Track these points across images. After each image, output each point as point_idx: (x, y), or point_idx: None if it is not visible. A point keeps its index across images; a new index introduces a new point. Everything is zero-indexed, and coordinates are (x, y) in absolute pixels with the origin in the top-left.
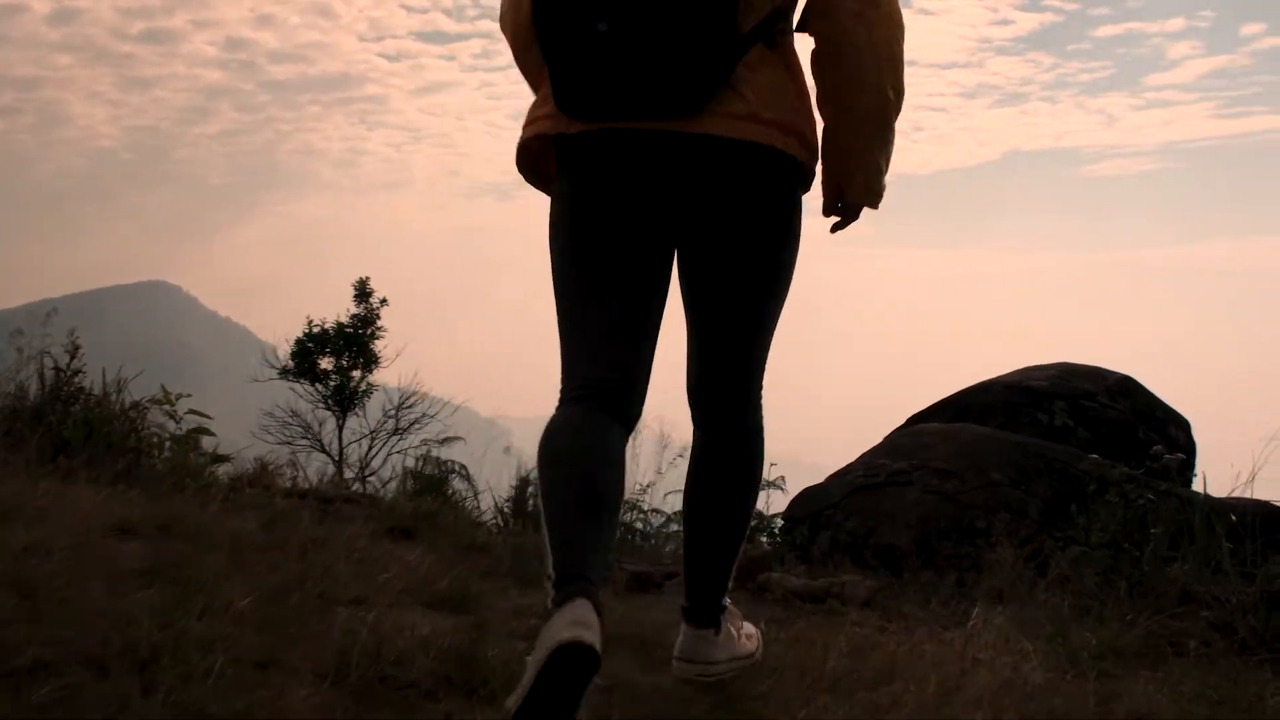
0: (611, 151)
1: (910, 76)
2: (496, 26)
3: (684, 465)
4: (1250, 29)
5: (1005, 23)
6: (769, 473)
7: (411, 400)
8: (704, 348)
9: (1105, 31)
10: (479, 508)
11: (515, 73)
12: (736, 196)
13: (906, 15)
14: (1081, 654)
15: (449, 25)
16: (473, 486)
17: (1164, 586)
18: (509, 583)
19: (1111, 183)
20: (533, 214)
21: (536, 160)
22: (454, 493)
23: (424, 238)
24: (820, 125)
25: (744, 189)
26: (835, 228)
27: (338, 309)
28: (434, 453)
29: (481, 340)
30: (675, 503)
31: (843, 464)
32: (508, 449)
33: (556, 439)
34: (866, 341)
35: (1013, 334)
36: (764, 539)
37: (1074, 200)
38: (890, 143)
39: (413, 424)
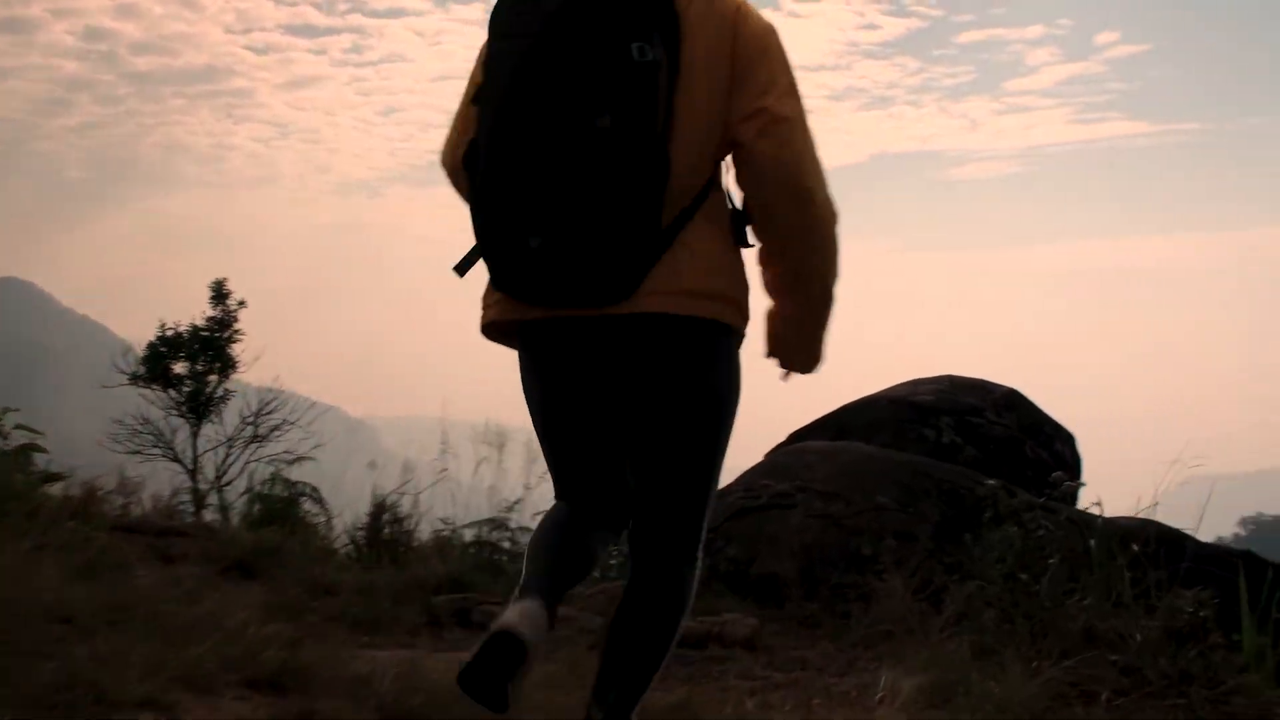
0: (555, 335)
1: None
2: (367, 20)
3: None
4: (1105, 37)
5: (872, 27)
6: None
7: (271, 405)
8: (644, 501)
9: (968, 37)
10: (332, 535)
11: (387, 68)
12: (672, 365)
13: (776, 17)
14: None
15: (319, 19)
16: (325, 511)
17: (1066, 624)
18: (355, 635)
19: (975, 185)
20: (405, 212)
21: (500, 336)
22: (305, 515)
23: (294, 235)
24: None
25: (677, 358)
26: (784, 377)
27: (198, 310)
28: (285, 473)
29: (352, 340)
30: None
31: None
32: (372, 464)
33: (544, 525)
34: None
35: (880, 335)
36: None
37: (938, 201)
38: (828, 321)
39: (273, 430)
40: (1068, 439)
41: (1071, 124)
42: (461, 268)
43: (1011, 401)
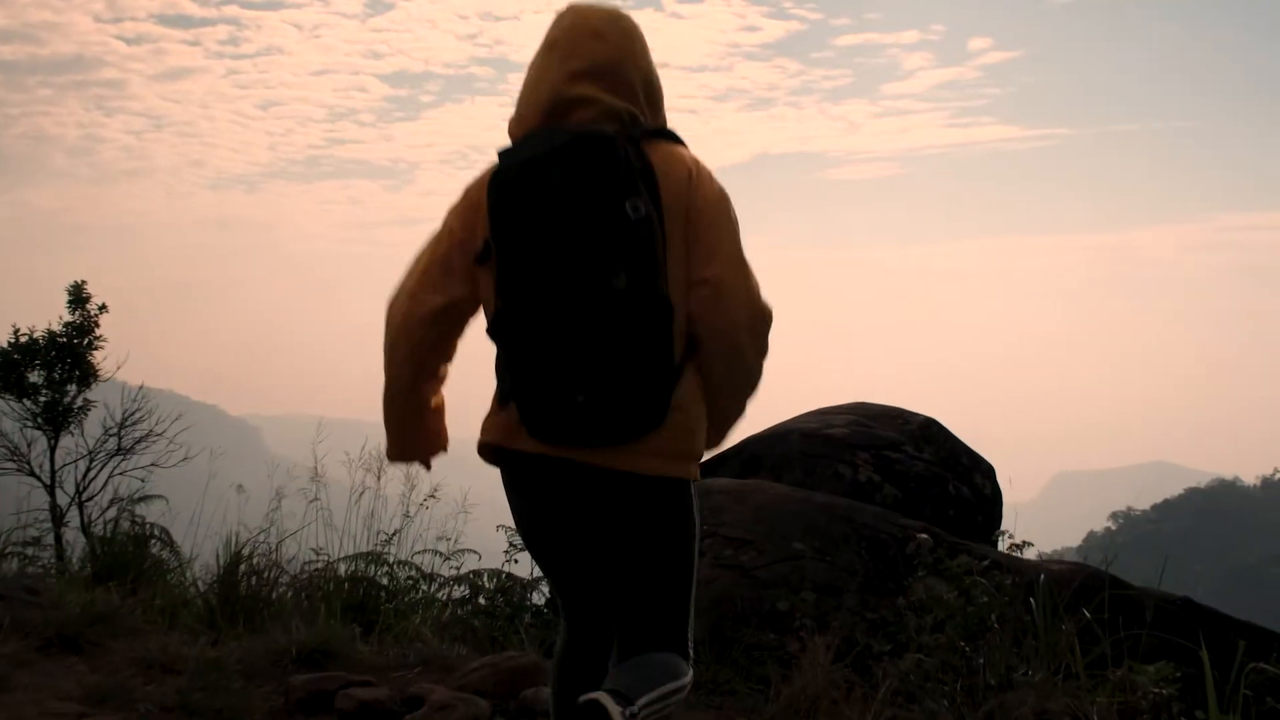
0: (550, 473)
1: (663, 78)
2: (244, 12)
3: (437, 507)
4: (977, 44)
5: (753, 29)
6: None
7: (136, 415)
8: (631, 620)
9: (846, 41)
10: (184, 584)
11: (265, 60)
12: (649, 514)
13: (658, 19)
14: None
15: (193, 9)
16: (177, 555)
17: (1015, 706)
18: None
19: (853, 186)
20: (284, 208)
21: (492, 457)
22: (152, 563)
23: (168, 229)
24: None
25: (655, 509)
26: None
27: (57, 314)
28: (139, 502)
29: (231, 338)
30: (426, 553)
31: None
32: (239, 487)
33: (562, 674)
34: None
35: (811, 331)
36: (523, 630)
37: (818, 202)
38: (736, 422)
39: (137, 443)
40: (987, 471)
41: (947, 128)
42: (537, 432)
43: (929, 432)
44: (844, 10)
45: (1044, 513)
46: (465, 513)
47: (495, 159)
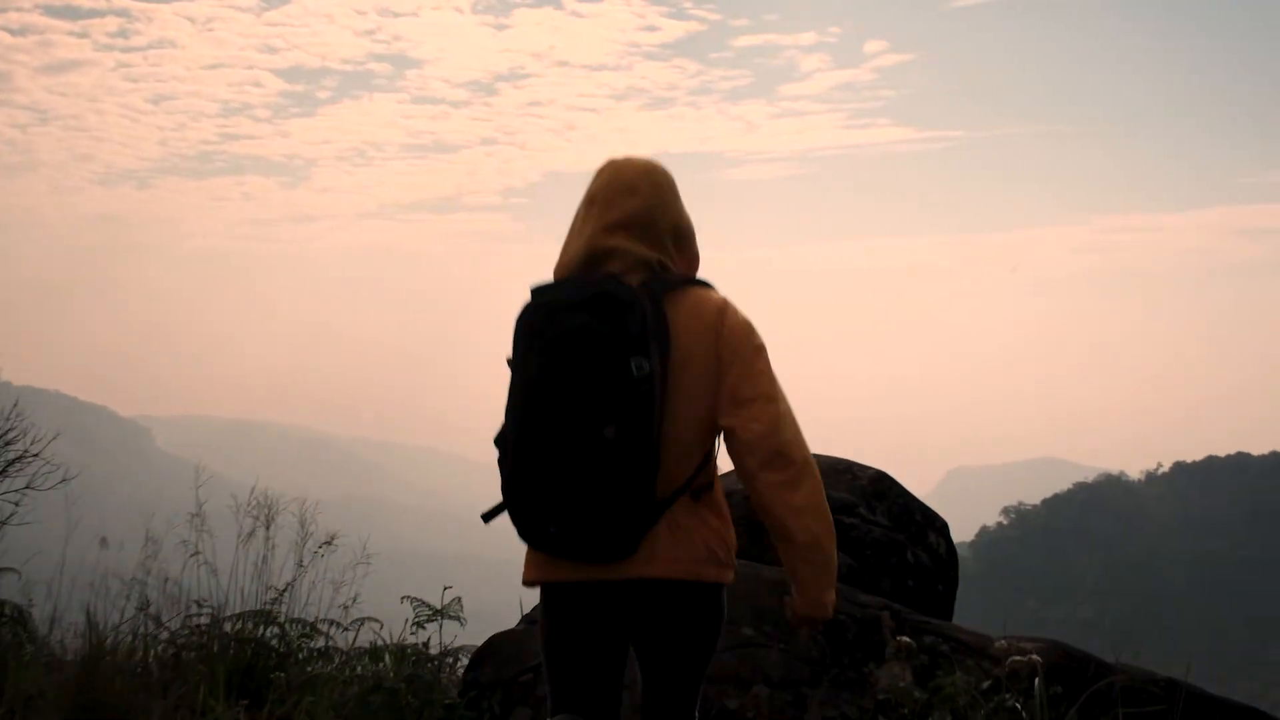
0: (570, 595)
1: (563, 77)
2: (135, 4)
3: (332, 558)
4: (873, 46)
5: (652, 29)
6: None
7: (9, 434)
8: (648, 698)
9: (744, 42)
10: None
11: (156, 54)
12: (666, 618)
13: (557, 17)
14: None
15: (81, 0)
16: (29, 634)
17: None
18: None
19: (752, 186)
20: (177, 204)
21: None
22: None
23: (54, 226)
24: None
25: (670, 613)
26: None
27: None
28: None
29: (123, 337)
30: (322, 607)
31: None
32: (103, 541)
33: None
34: (506, 344)
35: None
36: None
37: (718, 202)
38: (830, 570)
39: (10, 464)
40: (941, 528)
41: (843, 129)
42: (488, 517)
43: (880, 488)
44: (743, 11)
45: (938, 508)
46: (365, 563)
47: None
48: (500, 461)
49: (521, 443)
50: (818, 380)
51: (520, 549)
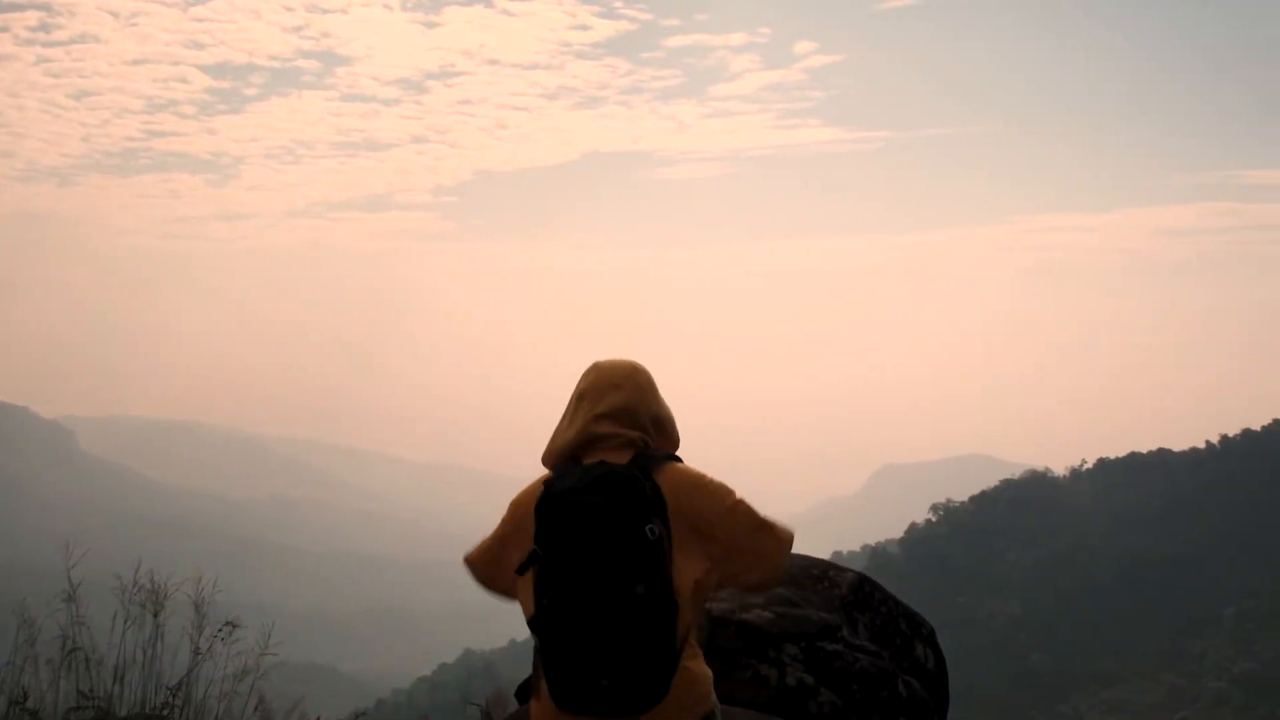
0: None
1: (494, 75)
2: None
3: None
4: (802, 47)
5: (584, 28)
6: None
7: None
8: None
9: (676, 42)
10: None
11: (79, 48)
12: None
13: (488, 15)
14: None
15: None
16: None
17: None
18: None
19: (683, 185)
20: (100, 202)
21: None
22: None
23: None
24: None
25: None
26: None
27: None
28: None
29: (46, 337)
30: (221, 701)
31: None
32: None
33: None
34: (450, 341)
35: (589, 330)
36: None
37: (649, 201)
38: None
39: None
40: (929, 636)
41: (774, 129)
42: (522, 694)
43: (861, 595)
44: (674, 11)
45: (868, 505)
46: (274, 655)
47: (538, 482)
48: (542, 642)
49: (563, 613)
50: (748, 379)
51: (451, 550)
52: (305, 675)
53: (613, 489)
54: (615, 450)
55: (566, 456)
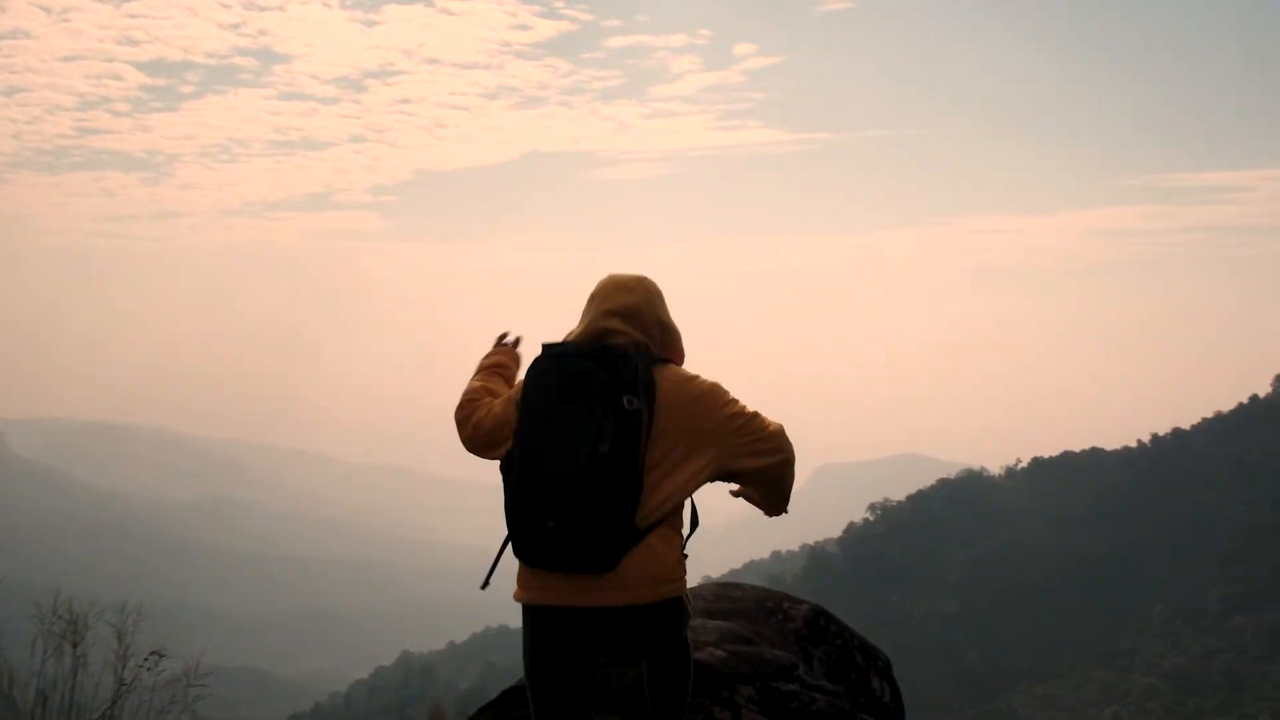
0: (554, 619)
1: (433, 75)
2: None
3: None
4: (743, 49)
5: (524, 28)
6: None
7: None
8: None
9: (616, 42)
10: None
11: (9, 44)
12: (641, 638)
13: (428, 14)
14: None
15: None
16: None
17: None
18: None
19: (625, 186)
20: (31, 200)
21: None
22: None
23: None
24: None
25: (644, 632)
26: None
27: None
28: None
29: None
30: None
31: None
32: None
33: None
34: (389, 342)
35: (529, 330)
36: None
37: (590, 201)
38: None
39: None
40: (884, 668)
41: (714, 130)
42: (485, 583)
43: (816, 628)
44: (614, 12)
45: (808, 504)
46: (203, 686)
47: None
48: (505, 480)
49: (528, 457)
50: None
51: (389, 551)
52: (240, 679)
53: (601, 359)
54: (624, 346)
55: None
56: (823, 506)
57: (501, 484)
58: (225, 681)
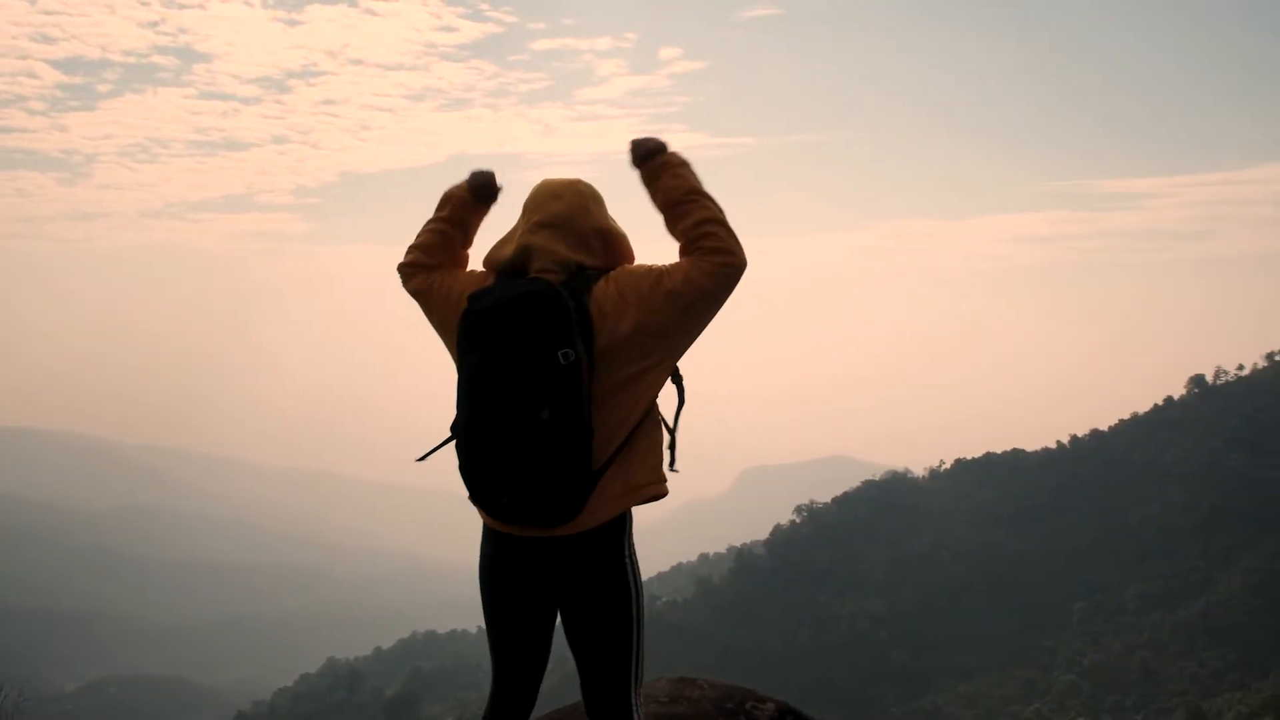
0: (516, 544)
1: (358, 76)
2: None
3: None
4: (667, 53)
5: (450, 30)
6: None
7: None
8: (586, 683)
9: (542, 45)
10: None
11: None
12: (588, 569)
13: (351, 14)
14: None
15: None
16: None
17: None
18: None
19: None
20: None
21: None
22: None
23: None
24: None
25: (591, 562)
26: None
27: None
28: None
29: None
30: None
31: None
32: None
33: None
34: (313, 345)
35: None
36: None
37: (515, 204)
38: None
39: None
40: None
41: (639, 133)
42: (424, 458)
43: None
44: (540, 15)
45: (734, 507)
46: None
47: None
48: (455, 445)
49: (470, 429)
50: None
51: (312, 556)
52: (161, 690)
53: (528, 310)
54: (548, 271)
55: (507, 269)
56: (749, 509)
57: (423, 486)
58: (145, 692)
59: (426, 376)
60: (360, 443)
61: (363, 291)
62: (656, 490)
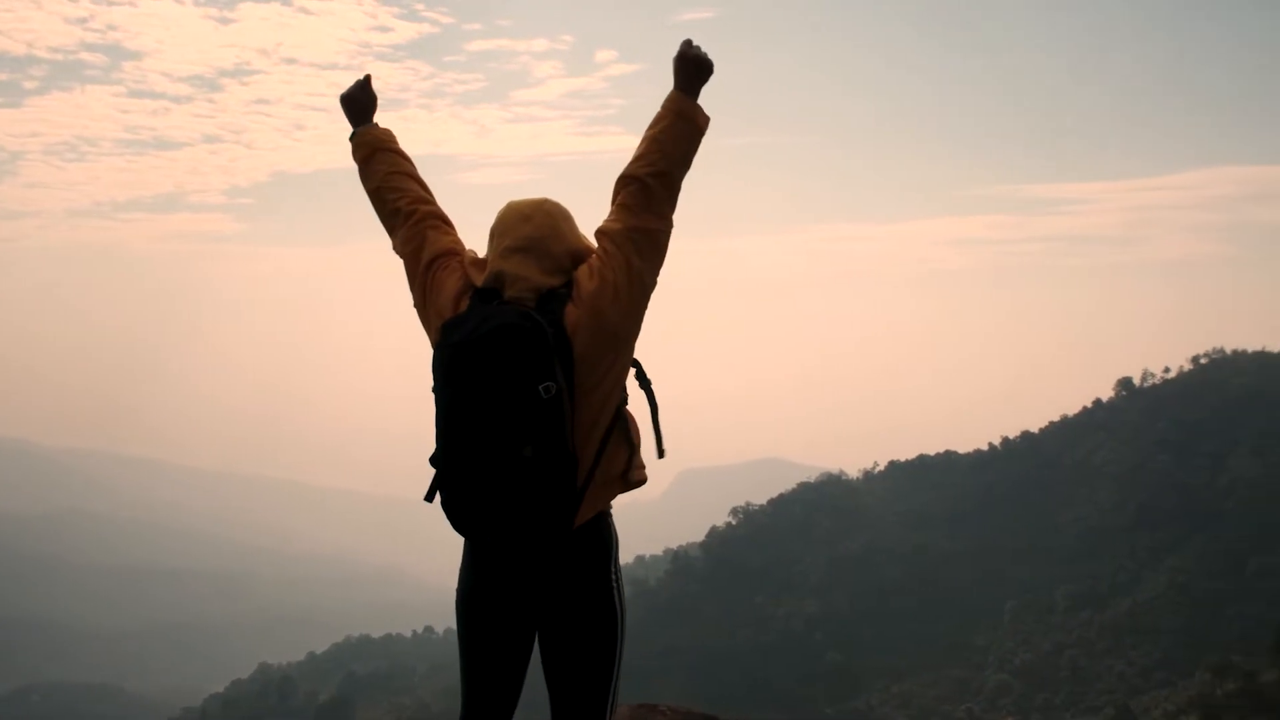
0: (492, 562)
1: (292, 75)
2: None
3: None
4: (603, 55)
5: (385, 29)
6: None
7: None
8: (557, 708)
9: (478, 46)
10: None
11: None
12: (575, 582)
13: (285, 13)
14: None
15: None
16: None
17: None
18: None
19: (487, 190)
20: None
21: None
22: None
23: None
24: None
25: (578, 574)
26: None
27: None
28: None
29: None
30: None
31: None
32: None
33: None
34: (244, 347)
35: (389, 336)
36: None
37: (452, 205)
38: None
39: None
40: None
41: (576, 135)
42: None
43: None
44: (475, 16)
45: (670, 509)
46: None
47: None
48: (437, 480)
49: (450, 467)
50: None
51: (245, 561)
52: (91, 696)
53: (507, 345)
54: (522, 297)
55: (480, 290)
56: (685, 510)
57: (358, 490)
58: (75, 698)
59: (358, 380)
60: (291, 446)
61: (295, 292)
62: (639, 476)
